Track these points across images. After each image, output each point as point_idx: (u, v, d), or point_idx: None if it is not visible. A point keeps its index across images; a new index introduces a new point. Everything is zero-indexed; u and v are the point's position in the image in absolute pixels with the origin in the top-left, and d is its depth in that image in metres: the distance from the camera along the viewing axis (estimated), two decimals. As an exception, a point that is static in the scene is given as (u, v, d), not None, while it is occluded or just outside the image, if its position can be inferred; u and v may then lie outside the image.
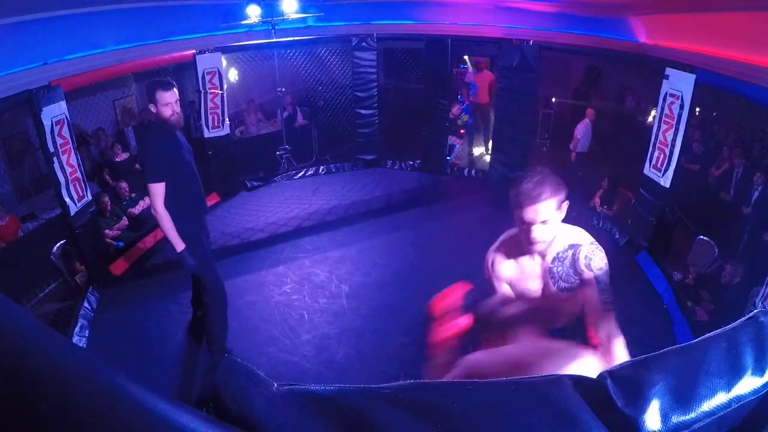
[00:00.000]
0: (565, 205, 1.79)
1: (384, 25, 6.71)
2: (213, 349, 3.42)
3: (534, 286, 1.95)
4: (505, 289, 2.01)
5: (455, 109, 7.15)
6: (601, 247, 1.87)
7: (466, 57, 8.58)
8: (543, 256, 1.90)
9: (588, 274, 1.83)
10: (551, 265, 1.89)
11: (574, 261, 1.85)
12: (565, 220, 1.84)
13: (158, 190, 2.91)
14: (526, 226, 1.76)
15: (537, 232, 1.75)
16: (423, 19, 6.69)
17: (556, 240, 1.86)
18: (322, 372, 3.52)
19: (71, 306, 4.13)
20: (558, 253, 1.87)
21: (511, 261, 1.97)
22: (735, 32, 3.66)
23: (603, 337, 1.78)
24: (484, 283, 2.05)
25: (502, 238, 2.06)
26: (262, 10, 5.74)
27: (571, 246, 1.87)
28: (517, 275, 1.97)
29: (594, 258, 1.84)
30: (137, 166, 6.09)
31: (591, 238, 1.88)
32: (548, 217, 1.73)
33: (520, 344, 1.66)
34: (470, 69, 8.06)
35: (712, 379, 0.65)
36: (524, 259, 1.94)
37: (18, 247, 4.37)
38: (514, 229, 1.95)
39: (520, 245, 1.90)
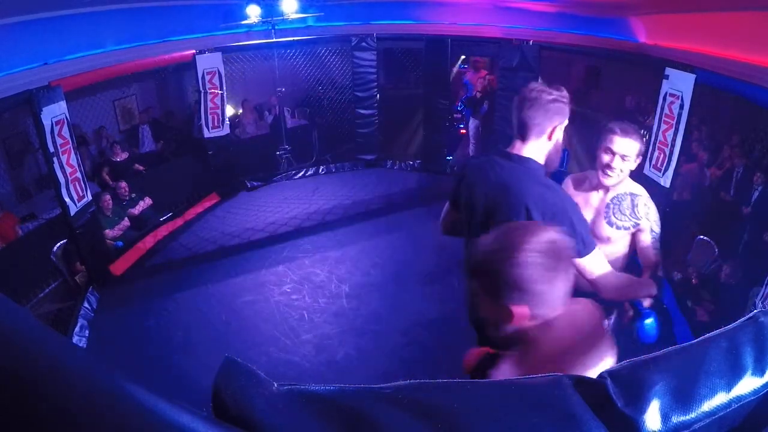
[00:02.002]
0: (639, 159, 2.10)
1: (384, 25, 6.71)
2: None
3: (587, 216, 2.11)
4: None
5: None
6: (653, 203, 2.17)
7: (462, 57, 8.58)
8: (606, 191, 2.17)
9: (645, 223, 2.13)
10: (609, 202, 2.16)
11: (633, 206, 2.13)
12: None
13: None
14: (611, 156, 2.05)
15: (617, 163, 2.03)
16: (423, 19, 6.69)
17: (622, 183, 2.14)
18: (322, 372, 3.52)
19: (71, 306, 4.13)
20: (618, 194, 2.15)
21: (577, 191, 2.24)
22: (735, 32, 3.66)
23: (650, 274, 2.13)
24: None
25: (572, 175, 2.39)
26: (262, 10, 5.74)
27: (632, 194, 2.14)
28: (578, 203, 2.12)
29: (651, 209, 2.14)
30: (137, 166, 6.10)
31: (648, 195, 2.17)
32: (630, 155, 2.03)
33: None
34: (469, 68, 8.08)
35: (712, 379, 0.65)
36: (589, 192, 2.22)
37: (18, 247, 4.37)
38: (581, 173, 2.34)
39: (589, 180, 2.22)
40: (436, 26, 6.60)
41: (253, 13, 5.69)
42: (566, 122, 1.80)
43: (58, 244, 4.32)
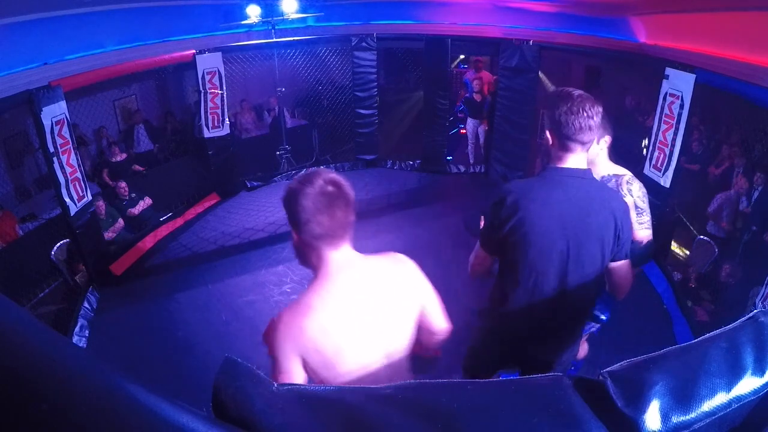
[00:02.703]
0: (607, 139, 2.27)
1: (384, 25, 6.71)
2: None
3: None
4: None
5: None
6: (639, 181, 2.32)
7: (461, 56, 8.56)
8: None
9: (629, 199, 2.20)
10: None
11: (618, 186, 2.25)
12: None
13: None
14: None
15: None
16: (423, 19, 6.69)
17: (604, 167, 2.30)
18: (322, 372, 3.52)
19: (71, 306, 4.13)
20: (603, 176, 2.28)
21: None
22: (735, 32, 3.66)
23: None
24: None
25: None
26: (262, 10, 5.74)
27: (615, 175, 2.30)
28: None
29: (634, 186, 2.27)
30: (135, 166, 6.10)
31: (631, 174, 2.32)
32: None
33: None
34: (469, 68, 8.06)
35: (712, 380, 0.65)
36: None
37: (18, 247, 4.37)
38: None
39: None
40: (436, 26, 6.60)
41: (253, 13, 5.69)
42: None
43: (58, 244, 4.32)
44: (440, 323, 1.50)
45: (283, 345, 1.23)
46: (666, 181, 4.49)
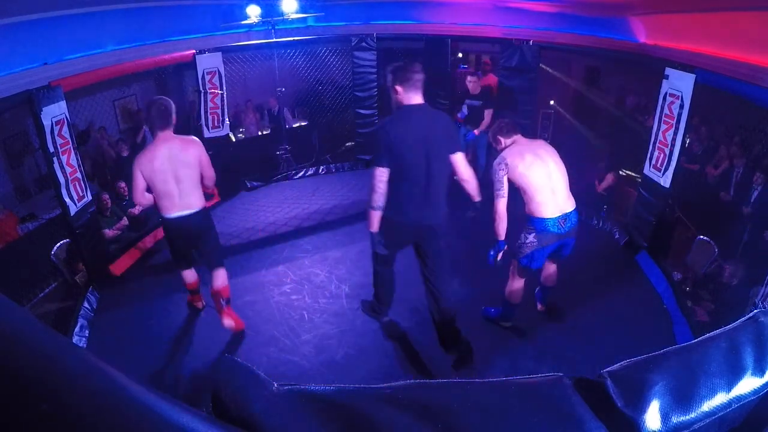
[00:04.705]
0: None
1: (384, 25, 6.71)
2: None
3: None
4: None
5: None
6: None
7: (459, 54, 8.52)
8: None
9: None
10: None
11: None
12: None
13: None
14: None
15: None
16: (423, 19, 6.69)
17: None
18: (322, 372, 3.52)
19: (71, 306, 4.13)
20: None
21: None
22: (735, 32, 3.66)
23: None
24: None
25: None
26: (262, 10, 5.74)
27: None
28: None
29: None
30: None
31: None
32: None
33: None
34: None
35: (712, 380, 0.65)
36: None
37: (18, 247, 4.37)
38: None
39: None
40: (436, 26, 6.60)
41: (253, 13, 5.69)
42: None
43: (58, 244, 4.32)
44: (207, 172, 3.45)
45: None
46: (666, 181, 4.49)
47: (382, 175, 2.88)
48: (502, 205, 3.20)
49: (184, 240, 3.58)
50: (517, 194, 3.28)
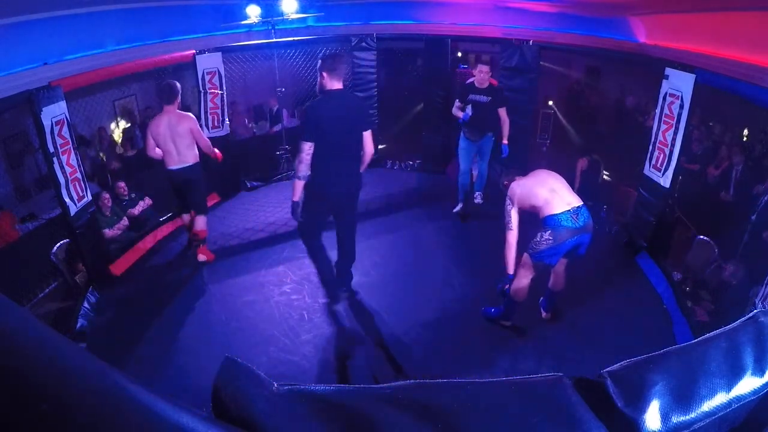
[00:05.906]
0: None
1: (384, 25, 6.71)
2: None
3: None
4: None
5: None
6: None
7: (458, 54, 8.49)
8: None
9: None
10: None
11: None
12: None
13: None
14: None
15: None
16: (423, 19, 6.69)
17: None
18: (322, 372, 3.52)
19: (71, 306, 4.13)
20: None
21: None
22: (735, 32, 3.66)
23: None
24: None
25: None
26: (262, 10, 5.74)
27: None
28: None
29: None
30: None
31: None
32: None
33: None
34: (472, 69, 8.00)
35: (712, 380, 0.65)
36: None
37: (18, 247, 4.36)
38: None
39: None
40: (436, 26, 6.60)
41: (253, 13, 5.69)
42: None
43: (58, 244, 4.32)
44: (201, 141, 4.52)
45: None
46: (666, 181, 4.49)
47: (308, 148, 3.39)
48: (511, 236, 3.52)
49: (180, 186, 4.58)
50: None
